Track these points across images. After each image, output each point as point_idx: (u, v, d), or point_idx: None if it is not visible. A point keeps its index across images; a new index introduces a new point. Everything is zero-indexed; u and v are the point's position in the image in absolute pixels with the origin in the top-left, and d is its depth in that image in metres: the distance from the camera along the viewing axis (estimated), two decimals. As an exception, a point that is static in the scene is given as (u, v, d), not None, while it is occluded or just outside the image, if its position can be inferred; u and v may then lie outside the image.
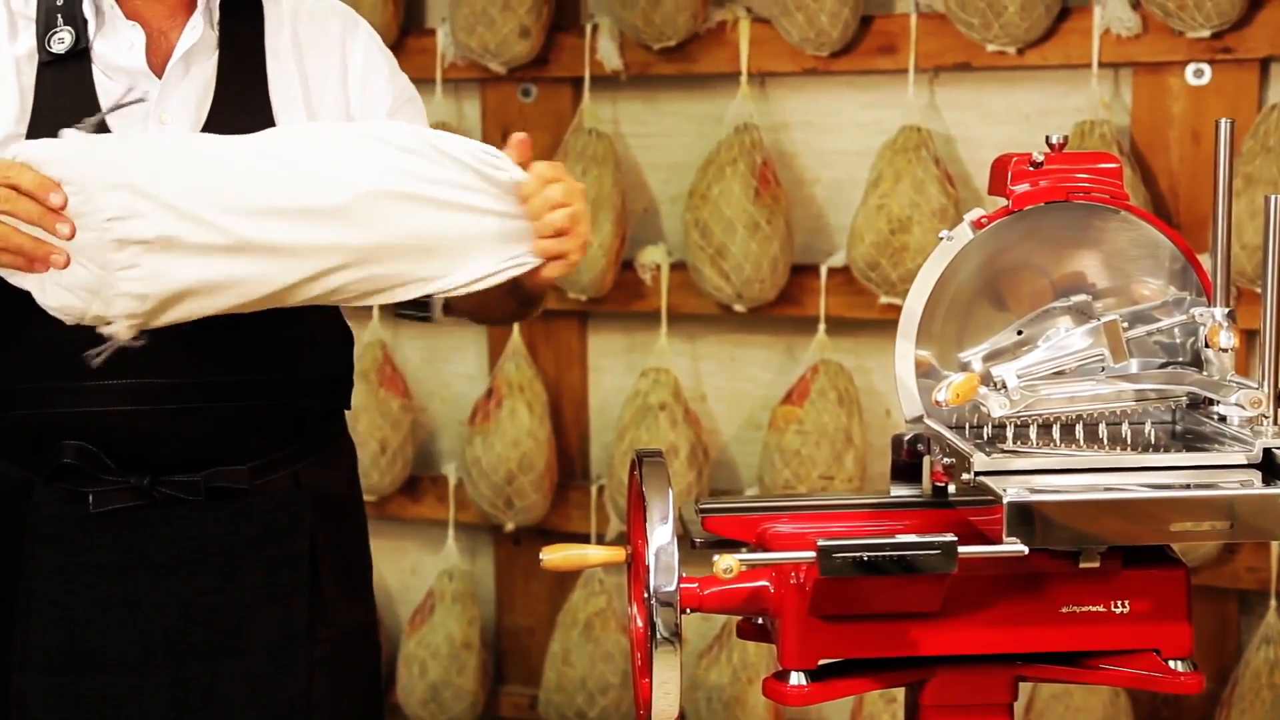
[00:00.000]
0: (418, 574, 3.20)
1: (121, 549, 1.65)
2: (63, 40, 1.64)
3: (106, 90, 1.64)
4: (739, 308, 2.78)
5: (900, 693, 1.60)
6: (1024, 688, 1.75)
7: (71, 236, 1.46)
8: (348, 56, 1.74)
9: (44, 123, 1.62)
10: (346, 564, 1.78)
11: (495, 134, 3.03)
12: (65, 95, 1.64)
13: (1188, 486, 1.43)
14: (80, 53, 1.64)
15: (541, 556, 1.58)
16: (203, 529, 1.66)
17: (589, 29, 2.89)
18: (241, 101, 1.65)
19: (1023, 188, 1.57)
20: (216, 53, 1.67)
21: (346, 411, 1.84)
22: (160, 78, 1.65)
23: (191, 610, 1.66)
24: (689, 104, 2.91)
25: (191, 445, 1.64)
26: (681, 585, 1.42)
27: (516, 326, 2.99)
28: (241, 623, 1.66)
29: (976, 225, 1.58)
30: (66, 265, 1.47)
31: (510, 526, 3.01)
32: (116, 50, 1.65)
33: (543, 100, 3.00)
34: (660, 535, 1.43)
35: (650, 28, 2.80)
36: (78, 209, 1.47)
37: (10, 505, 1.67)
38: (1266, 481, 1.44)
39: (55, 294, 1.49)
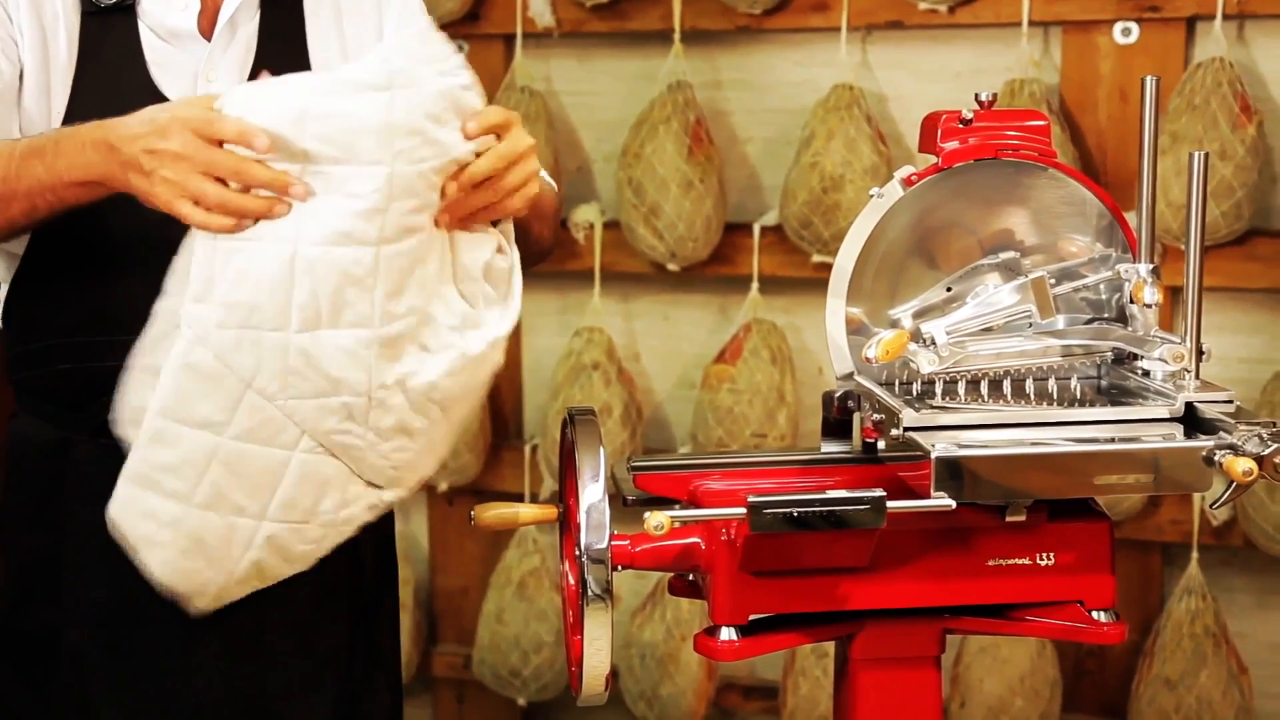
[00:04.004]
0: (351, 534, 3.18)
1: None
2: None
3: (152, 47, 1.63)
4: (672, 266, 2.78)
5: (832, 646, 1.61)
6: (952, 641, 1.77)
7: (305, 197, 1.42)
8: (384, 16, 1.72)
9: (89, 71, 1.62)
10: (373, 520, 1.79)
11: (426, 91, 3.00)
12: (111, 48, 1.62)
13: (1112, 440, 1.45)
14: (127, 7, 1.63)
15: (472, 515, 1.58)
16: None
17: (521, -15, 2.87)
18: (280, 65, 1.63)
19: (952, 145, 1.58)
20: (258, 14, 1.66)
21: None
22: (209, 40, 1.65)
23: None
24: (622, 62, 2.90)
25: None
26: (613, 543, 1.43)
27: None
28: None
29: (906, 183, 1.58)
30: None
31: (444, 486, 3.00)
32: (169, 10, 1.64)
33: (474, 57, 2.97)
34: (592, 493, 1.43)
35: (582, -16, 2.78)
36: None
37: (46, 465, 1.67)
38: (1188, 435, 1.47)
39: None
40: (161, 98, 1.61)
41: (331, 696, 1.72)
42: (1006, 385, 1.59)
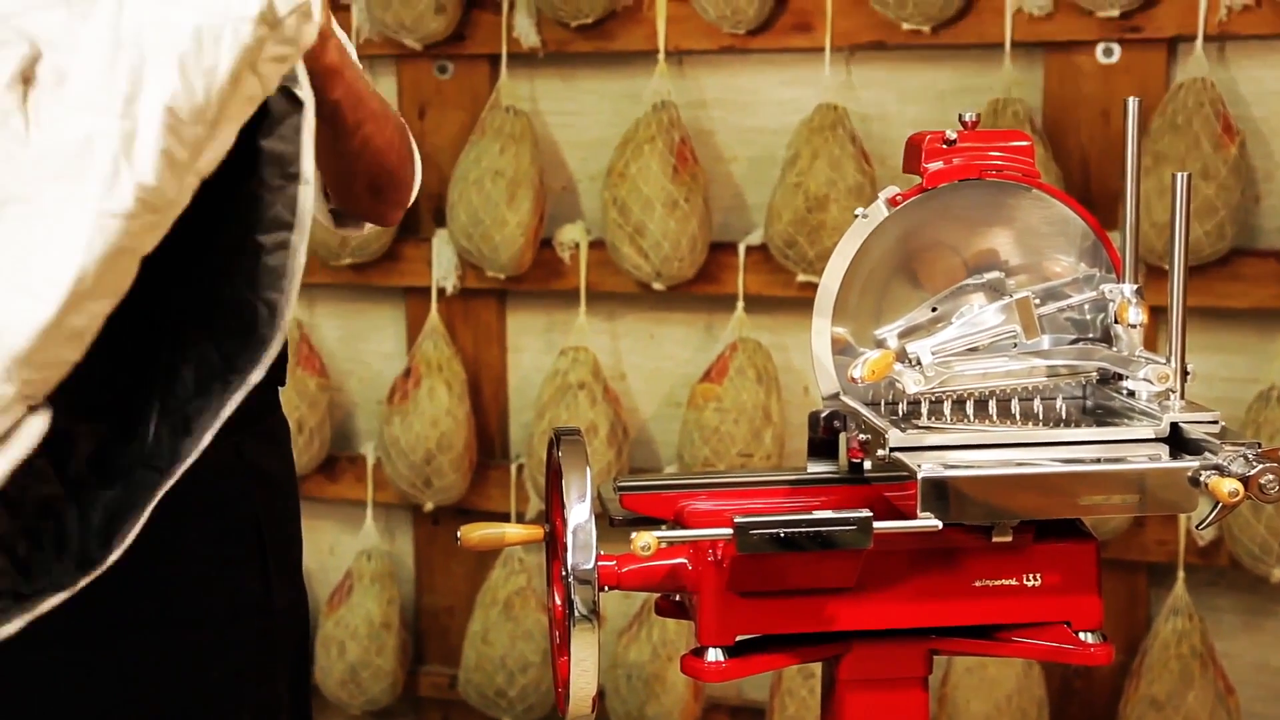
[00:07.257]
0: (336, 554, 3.18)
1: None
2: None
3: None
4: (658, 286, 2.78)
5: (818, 667, 1.61)
6: (939, 661, 1.77)
7: None
8: None
9: None
10: (282, 542, 1.77)
11: (412, 111, 3.00)
12: None
13: (1098, 461, 1.45)
14: None
15: (459, 535, 1.58)
16: None
17: (505, 5, 2.88)
18: None
19: (936, 166, 1.58)
20: None
21: (280, 389, 1.82)
22: None
23: (136, 582, 1.64)
24: (607, 82, 2.90)
25: None
26: (599, 563, 1.42)
27: (435, 306, 2.97)
28: (189, 594, 1.64)
29: (891, 203, 1.59)
30: None
31: (429, 506, 3.00)
32: None
33: (460, 77, 2.98)
34: (578, 513, 1.43)
35: (567, 5, 2.78)
36: None
37: None
38: (1174, 455, 1.47)
39: None
40: None
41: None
42: (992, 405, 1.59)
